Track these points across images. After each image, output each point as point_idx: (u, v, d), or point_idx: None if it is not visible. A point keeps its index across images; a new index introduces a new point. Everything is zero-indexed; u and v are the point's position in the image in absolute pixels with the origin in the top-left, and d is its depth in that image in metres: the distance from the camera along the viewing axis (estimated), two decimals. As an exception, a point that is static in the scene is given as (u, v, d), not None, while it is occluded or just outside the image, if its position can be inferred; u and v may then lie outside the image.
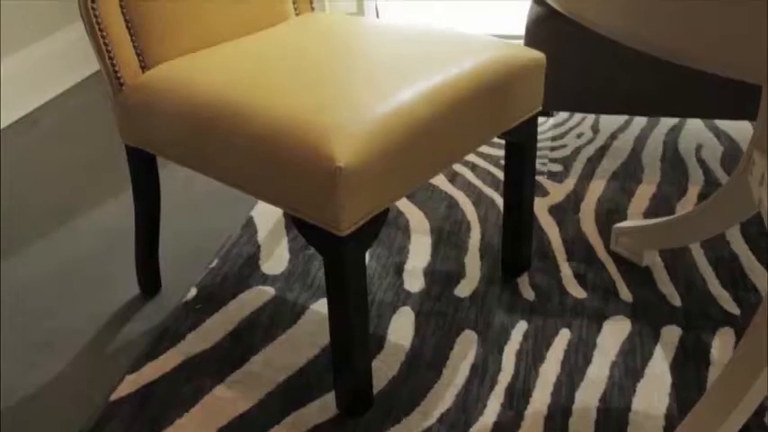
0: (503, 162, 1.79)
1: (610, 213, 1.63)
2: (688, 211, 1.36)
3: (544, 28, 1.76)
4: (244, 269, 1.50)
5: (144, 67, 1.22)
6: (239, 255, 1.55)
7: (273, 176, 1.01)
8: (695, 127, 1.99)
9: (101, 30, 1.16)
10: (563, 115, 2.09)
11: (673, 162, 1.82)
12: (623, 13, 0.61)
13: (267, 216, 1.68)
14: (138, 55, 1.21)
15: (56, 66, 2.39)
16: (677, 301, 1.36)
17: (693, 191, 1.69)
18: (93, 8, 1.15)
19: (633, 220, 1.51)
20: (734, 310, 1.33)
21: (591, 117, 2.08)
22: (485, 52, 1.19)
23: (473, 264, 1.49)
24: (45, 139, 2.12)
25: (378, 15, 2.71)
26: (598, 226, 1.59)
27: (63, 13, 2.44)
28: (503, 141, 1.88)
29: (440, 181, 1.79)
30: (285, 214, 1.68)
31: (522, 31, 2.68)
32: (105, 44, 1.17)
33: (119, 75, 1.20)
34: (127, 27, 1.19)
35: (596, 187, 1.73)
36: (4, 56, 2.20)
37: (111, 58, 1.18)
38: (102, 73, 1.21)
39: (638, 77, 1.74)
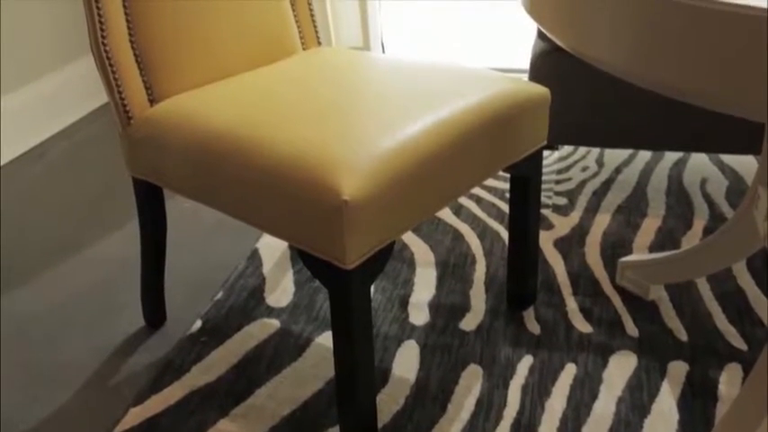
0: (508, 195, 1.80)
1: (615, 247, 1.63)
2: (694, 246, 1.36)
3: (549, 62, 1.77)
4: (249, 301, 1.50)
5: (152, 101, 1.24)
6: (244, 287, 1.55)
7: (279, 210, 1.02)
8: (700, 161, 1.99)
9: (110, 64, 1.18)
10: (568, 149, 2.10)
11: (678, 196, 1.82)
12: (627, 51, 0.62)
13: (272, 248, 1.68)
14: (146, 89, 1.23)
15: (64, 98, 2.41)
16: (684, 336, 1.35)
17: (699, 225, 1.69)
18: (103, 43, 1.16)
19: (639, 254, 1.51)
20: (741, 345, 1.32)
21: (595, 150, 2.09)
22: (490, 87, 1.20)
23: (478, 297, 1.48)
24: (52, 171, 2.13)
25: (383, 49, 2.73)
26: (603, 259, 1.58)
27: (72, 47, 2.47)
28: (508, 174, 1.89)
29: (445, 213, 1.79)
30: (290, 246, 1.68)
31: (526, 64, 2.70)
32: (115, 78, 1.19)
33: (127, 108, 1.21)
34: (136, 61, 1.21)
35: (601, 221, 1.73)
36: (13, 89, 2.22)
37: (120, 92, 1.20)
38: (111, 106, 1.22)
39: (643, 112, 1.75)
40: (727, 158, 2.00)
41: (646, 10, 0.60)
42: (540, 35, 1.85)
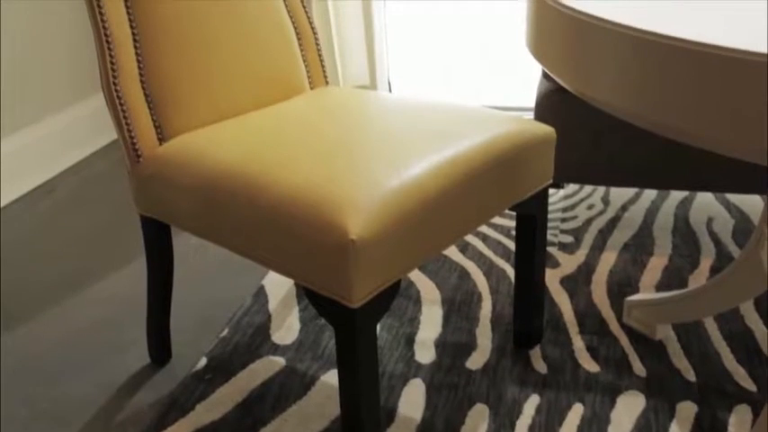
0: (514, 233, 1.80)
1: (622, 285, 1.62)
2: (701, 285, 1.36)
3: (554, 102, 1.79)
4: (254, 338, 1.50)
5: (161, 139, 1.25)
6: (250, 324, 1.55)
7: (286, 248, 1.02)
8: (706, 200, 2.00)
9: (121, 103, 1.19)
10: (573, 187, 2.11)
11: (684, 235, 1.82)
12: (633, 95, 0.63)
13: (278, 285, 1.68)
14: (155, 127, 1.24)
15: (74, 135, 2.44)
16: (692, 376, 1.34)
17: (706, 264, 1.69)
18: (114, 83, 1.18)
19: (645, 293, 1.51)
20: (750, 386, 1.31)
21: (601, 189, 2.09)
22: (496, 127, 1.21)
23: (484, 335, 1.48)
24: (60, 207, 2.15)
25: (390, 88, 2.76)
26: (610, 298, 1.58)
27: (82, 85, 2.50)
28: (514, 212, 1.89)
29: (451, 251, 1.79)
30: (296, 284, 1.68)
31: (532, 103, 2.72)
32: (125, 117, 1.20)
33: (137, 146, 1.23)
34: (146, 101, 1.23)
35: (608, 259, 1.73)
36: (24, 126, 2.25)
37: (129, 131, 1.21)
38: (121, 144, 1.23)
39: (649, 151, 1.76)
40: (734, 197, 2.00)
41: (651, 54, 0.61)
42: (546, 75, 1.87)
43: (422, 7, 2.81)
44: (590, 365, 1.38)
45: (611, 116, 1.76)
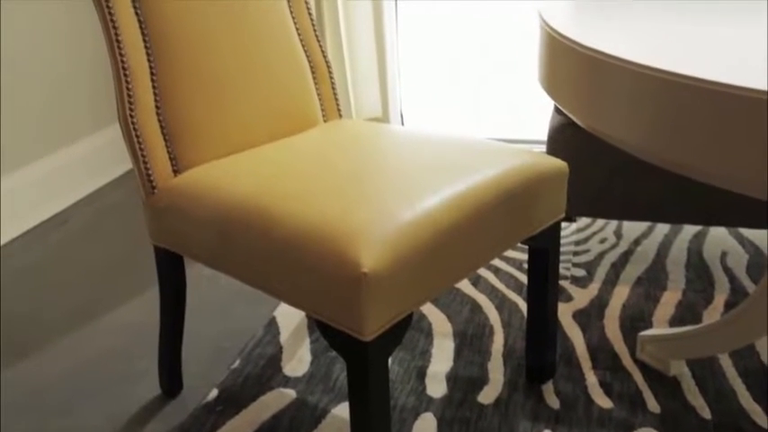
0: (526, 265, 1.79)
1: (635, 320, 1.61)
2: (715, 321, 1.34)
3: (566, 136, 1.79)
4: (265, 370, 1.50)
5: (176, 171, 1.26)
6: (261, 355, 1.54)
7: (298, 280, 1.03)
8: (719, 234, 1.99)
9: (137, 136, 1.21)
10: (585, 220, 2.11)
11: (698, 269, 1.81)
12: (645, 131, 0.63)
13: (290, 317, 1.68)
14: (170, 159, 1.25)
15: (88, 166, 2.46)
16: (707, 414, 1.32)
17: (720, 299, 1.68)
18: (131, 116, 1.20)
19: (659, 329, 1.50)
20: (766, 424, 1.29)
21: (614, 222, 2.09)
22: (508, 161, 1.21)
23: (496, 369, 1.47)
24: (74, 238, 2.16)
25: (402, 120, 2.78)
26: (623, 333, 1.57)
27: (97, 117, 2.53)
28: (526, 245, 1.89)
29: (463, 284, 1.79)
30: (308, 316, 1.68)
31: (544, 135, 2.73)
32: (141, 150, 1.22)
33: (152, 178, 1.24)
34: (162, 133, 1.24)
35: (621, 293, 1.72)
36: (38, 157, 2.27)
37: (145, 163, 1.22)
38: (136, 176, 1.25)
39: (661, 185, 1.76)
40: (747, 232, 1.99)
41: (664, 92, 0.62)
42: (558, 109, 1.88)
43: (435, 39, 2.84)
44: (603, 401, 1.37)
45: (623, 150, 1.76)
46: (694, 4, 0.98)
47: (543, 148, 2.38)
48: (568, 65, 0.75)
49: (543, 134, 2.79)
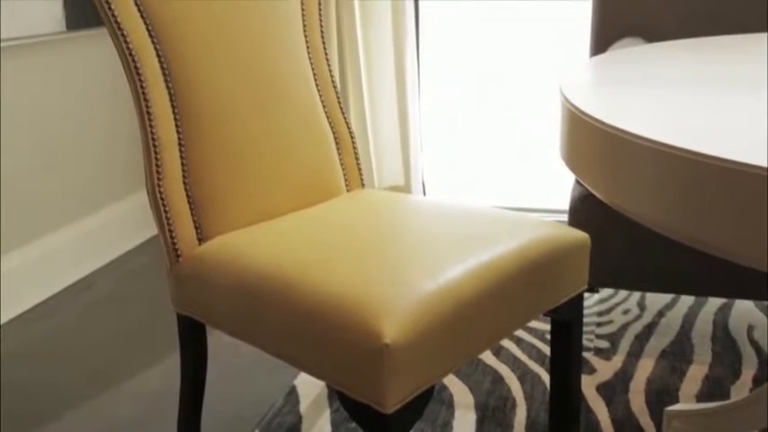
0: (548, 336, 1.77)
1: (660, 394, 1.58)
2: (744, 397, 1.32)
3: (588, 206, 1.80)
4: (284, 441, 1.48)
5: (200, 239, 1.28)
6: (281, 425, 1.53)
7: (319, 351, 1.02)
8: (745, 306, 1.96)
9: (164, 205, 1.23)
10: (608, 290, 2.09)
11: (724, 343, 1.78)
12: (670, 209, 0.63)
13: (310, 386, 1.67)
14: (195, 228, 1.27)
15: (112, 232, 2.50)
16: (737, 494, 1.28)
17: (748, 374, 1.64)
18: (158, 185, 1.22)
19: (686, 404, 1.47)
20: (799, 505, 1.25)
21: (637, 293, 2.07)
22: (530, 232, 1.21)
23: (519, 444, 1.44)
24: (97, 303, 2.18)
25: (424, 189, 2.80)
26: (649, 407, 1.54)
27: (122, 185, 2.58)
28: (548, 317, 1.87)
29: (485, 354, 1.77)
30: (328, 386, 1.67)
31: (566, 204, 2.73)
32: (167, 218, 1.23)
33: (177, 246, 1.25)
34: (188, 202, 1.26)
35: (645, 366, 1.69)
36: (64, 224, 2.31)
37: (171, 231, 1.24)
38: (161, 243, 1.26)
39: (685, 258, 1.75)
40: (774, 304, 1.96)
41: (687, 171, 0.62)
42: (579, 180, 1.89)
43: (456, 108, 2.88)
44: (629, 479, 1.33)
45: (645, 221, 1.76)
46: (716, 78, 0.99)
47: (565, 217, 2.39)
48: (590, 141, 0.76)
49: (565, 203, 2.79)
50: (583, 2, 2.61)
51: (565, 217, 2.46)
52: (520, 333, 1.87)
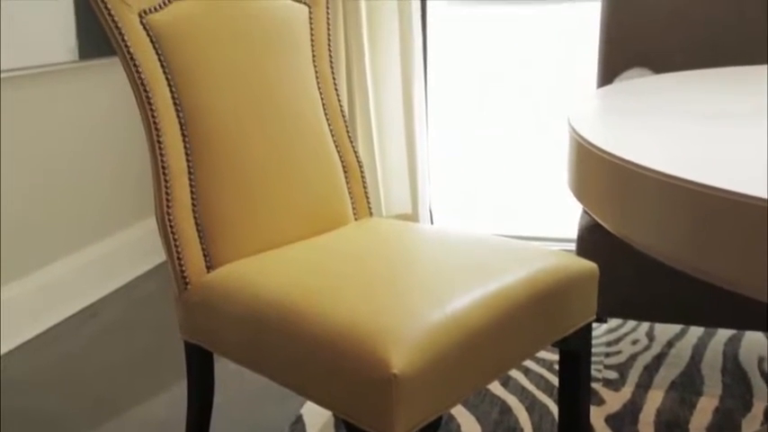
0: (556, 366, 1.76)
1: (670, 426, 1.56)
2: (756, 430, 1.30)
3: (596, 236, 1.79)
4: (290, 471, 1.47)
5: (209, 267, 1.28)
6: (286, 455, 1.52)
7: (326, 380, 1.02)
8: (755, 337, 1.95)
9: (173, 233, 1.24)
10: (617, 320, 2.08)
11: (734, 374, 1.77)
12: (678, 241, 0.63)
13: (317, 415, 1.66)
14: (204, 256, 1.28)
15: (119, 260, 2.51)
16: None
17: (759, 407, 1.63)
18: (168, 213, 1.23)
19: (696, 436, 1.45)
20: None
21: (646, 323, 2.06)
22: (538, 262, 1.21)
23: (527, 476, 1.43)
24: (104, 330, 2.18)
25: (432, 218, 2.80)
26: (658, 440, 1.52)
27: (128, 212, 2.59)
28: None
29: (492, 385, 1.76)
30: (335, 415, 1.66)
31: (573, 233, 2.73)
32: (176, 246, 1.24)
33: (185, 274, 1.26)
34: (197, 230, 1.27)
35: (654, 397, 1.68)
36: (70, 251, 2.32)
37: (179, 259, 1.25)
38: (170, 271, 1.27)
39: (694, 288, 1.74)
40: (784, 335, 1.95)
41: (696, 203, 0.62)
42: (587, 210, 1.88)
43: (464, 136, 2.90)
44: None
45: (654, 251, 1.75)
46: (721, 110, 1.00)
47: (573, 246, 2.38)
48: (597, 172, 0.76)
49: (573, 233, 2.78)
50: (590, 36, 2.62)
51: (572, 246, 2.46)
52: (528, 363, 1.86)
